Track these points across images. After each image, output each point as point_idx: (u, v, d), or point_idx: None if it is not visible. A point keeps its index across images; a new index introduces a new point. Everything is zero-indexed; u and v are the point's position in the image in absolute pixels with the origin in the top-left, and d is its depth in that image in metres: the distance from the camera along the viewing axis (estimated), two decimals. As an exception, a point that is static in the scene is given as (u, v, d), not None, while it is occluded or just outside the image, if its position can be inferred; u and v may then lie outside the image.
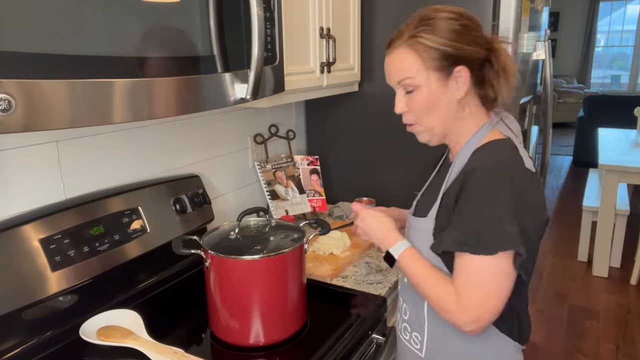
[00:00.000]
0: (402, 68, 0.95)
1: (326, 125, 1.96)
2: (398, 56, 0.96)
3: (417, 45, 0.93)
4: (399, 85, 0.97)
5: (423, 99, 0.95)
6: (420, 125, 0.99)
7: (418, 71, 0.94)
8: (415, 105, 0.96)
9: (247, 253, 1.03)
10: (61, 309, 1.09)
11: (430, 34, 0.93)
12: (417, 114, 0.97)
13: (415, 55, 0.94)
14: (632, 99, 5.77)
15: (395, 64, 0.96)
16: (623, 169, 3.11)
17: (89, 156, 1.20)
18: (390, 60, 0.98)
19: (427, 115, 0.97)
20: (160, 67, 0.83)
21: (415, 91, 0.95)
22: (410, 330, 1.07)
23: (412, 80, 0.94)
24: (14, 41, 0.62)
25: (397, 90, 0.98)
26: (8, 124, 0.63)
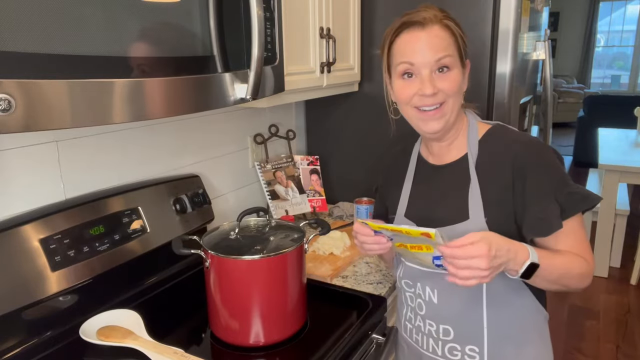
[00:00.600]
0: (443, 45, 0.93)
1: (326, 125, 1.96)
2: (438, 33, 0.93)
3: (450, 29, 0.95)
4: (436, 63, 0.93)
5: (457, 79, 0.95)
6: (447, 105, 0.96)
7: (453, 52, 0.94)
8: (448, 85, 0.94)
9: (247, 253, 1.02)
10: (61, 309, 1.09)
11: (453, 22, 0.96)
12: (450, 91, 0.95)
13: (451, 36, 0.95)
14: (632, 99, 5.77)
15: (435, 41, 0.93)
16: (623, 169, 3.11)
17: (89, 156, 1.20)
18: (428, 36, 0.93)
19: (453, 98, 0.96)
20: (160, 67, 0.83)
21: (451, 70, 0.94)
22: (461, 347, 1.01)
23: (451, 59, 0.94)
24: (14, 41, 0.62)
25: (423, 71, 0.94)
26: (8, 124, 0.63)
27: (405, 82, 0.97)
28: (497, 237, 0.84)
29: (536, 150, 0.95)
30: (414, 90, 0.95)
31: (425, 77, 0.94)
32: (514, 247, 0.85)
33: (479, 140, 1.01)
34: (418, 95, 0.95)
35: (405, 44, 0.95)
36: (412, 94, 0.96)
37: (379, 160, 1.27)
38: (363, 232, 0.97)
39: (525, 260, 0.85)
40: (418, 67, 0.94)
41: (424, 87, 0.93)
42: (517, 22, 1.53)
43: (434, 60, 0.93)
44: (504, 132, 1.01)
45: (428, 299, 1.03)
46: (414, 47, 0.94)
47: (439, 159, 1.07)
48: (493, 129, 1.03)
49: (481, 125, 1.04)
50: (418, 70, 0.94)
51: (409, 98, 0.97)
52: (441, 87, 0.94)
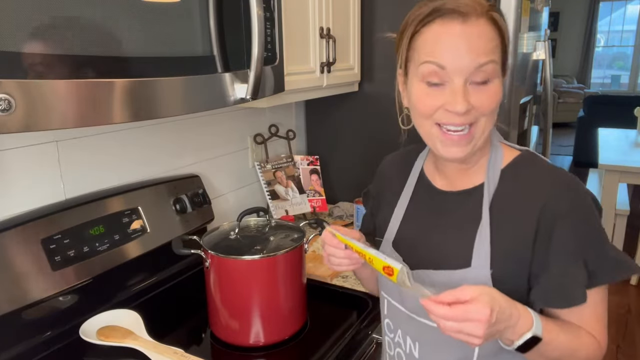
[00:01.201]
0: (489, 47, 0.71)
1: (326, 125, 1.96)
2: (483, 30, 0.70)
3: (498, 25, 0.72)
4: (476, 70, 0.70)
5: (498, 95, 0.73)
6: (478, 127, 0.74)
7: (499, 58, 0.73)
8: (487, 102, 0.72)
9: (247, 253, 1.02)
10: (61, 309, 1.09)
11: (501, 16, 0.74)
12: (487, 110, 0.73)
13: (498, 36, 0.72)
14: (632, 99, 5.77)
15: (479, 41, 0.70)
16: (623, 169, 3.10)
17: (89, 156, 1.20)
18: (470, 33, 0.70)
19: (488, 117, 0.74)
20: (160, 67, 0.83)
21: (492, 82, 0.72)
22: None
23: (495, 67, 0.72)
24: (14, 41, 0.62)
25: (456, 79, 0.70)
26: (8, 124, 0.63)
27: (428, 90, 0.73)
28: (499, 296, 0.67)
29: (574, 197, 0.74)
30: (439, 103, 0.72)
31: (458, 87, 0.70)
32: (517, 312, 0.68)
33: (502, 168, 0.80)
34: (444, 109, 0.72)
35: (435, 38, 0.71)
36: (435, 106, 0.73)
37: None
38: (331, 242, 0.81)
39: (526, 331, 0.68)
40: (450, 73, 0.70)
41: (455, 102, 0.71)
42: (517, 22, 1.53)
43: (473, 67, 0.70)
44: (535, 165, 0.80)
45: (408, 352, 0.86)
46: (449, 44, 0.70)
47: (447, 182, 0.86)
48: (521, 157, 0.81)
49: (506, 150, 0.83)
50: (449, 77, 0.71)
51: (430, 111, 0.74)
52: (477, 103, 0.71)
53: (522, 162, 0.81)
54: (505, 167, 0.80)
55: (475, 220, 0.79)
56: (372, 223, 1.01)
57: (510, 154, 0.82)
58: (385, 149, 1.83)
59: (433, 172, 0.89)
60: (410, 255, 0.85)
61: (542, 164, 0.80)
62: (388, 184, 0.97)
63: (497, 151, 0.82)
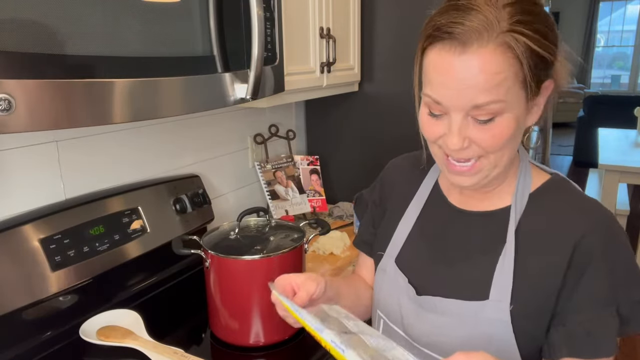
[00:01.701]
0: (492, 84, 0.60)
1: (326, 125, 1.96)
2: (487, 62, 0.59)
3: (519, 48, 0.59)
4: (473, 109, 0.62)
5: (505, 131, 0.63)
6: (487, 161, 0.67)
7: (510, 89, 0.61)
8: (488, 140, 0.64)
9: (247, 253, 1.02)
10: (61, 309, 1.09)
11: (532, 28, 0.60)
12: (490, 149, 0.65)
13: (512, 65, 0.60)
14: (632, 99, 5.77)
15: (479, 77, 0.59)
16: (623, 169, 3.10)
17: (89, 156, 1.20)
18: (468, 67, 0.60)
19: (501, 150, 0.66)
20: (160, 67, 0.83)
21: (499, 118, 0.63)
22: None
23: (501, 105, 0.61)
24: (14, 41, 0.62)
25: (453, 115, 0.64)
26: (8, 124, 0.63)
27: (430, 119, 0.68)
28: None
29: (611, 233, 0.67)
30: (440, 132, 0.67)
31: (454, 123, 0.64)
32: None
33: (531, 193, 0.73)
34: (444, 140, 0.67)
35: (432, 68, 0.64)
36: (438, 134, 0.68)
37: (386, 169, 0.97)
38: (280, 307, 0.72)
39: None
40: (446, 108, 0.64)
41: (449, 140, 0.65)
42: (517, 22, 1.52)
43: (471, 105, 0.62)
44: (568, 192, 0.72)
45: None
46: (443, 80, 0.62)
47: (465, 200, 0.77)
48: (552, 182, 0.74)
49: (535, 172, 0.75)
50: (447, 111, 0.65)
51: (434, 138, 0.69)
52: (478, 141, 0.64)
53: (554, 187, 0.73)
54: (535, 191, 0.72)
55: (496, 246, 0.70)
56: (372, 234, 0.91)
57: (539, 178, 0.74)
58: (385, 149, 1.83)
59: (449, 186, 0.80)
60: (416, 277, 0.77)
61: (575, 192, 0.73)
62: (394, 192, 0.88)
63: (527, 173, 0.74)
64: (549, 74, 0.66)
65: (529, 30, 0.60)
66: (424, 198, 0.82)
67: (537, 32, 0.61)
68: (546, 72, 0.65)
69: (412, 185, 0.85)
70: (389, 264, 0.82)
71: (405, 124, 1.04)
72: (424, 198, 0.82)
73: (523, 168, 0.74)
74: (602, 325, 0.65)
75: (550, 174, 0.76)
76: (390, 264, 0.81)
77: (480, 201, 0.76)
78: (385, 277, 0.82)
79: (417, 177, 0.85)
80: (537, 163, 0.78)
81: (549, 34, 0.63)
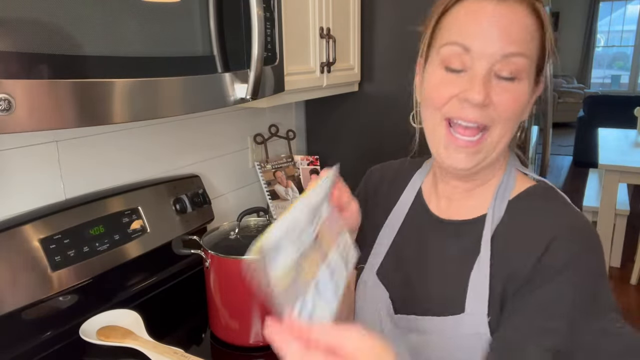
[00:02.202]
0: (523, 37, 0.61)
1: (326, 125, 1.96)
2: (521, 16, 0.61)
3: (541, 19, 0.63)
4: (503, 59, 0.61)
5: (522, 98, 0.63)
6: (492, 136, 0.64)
7: (532, 55, 0.63)
8: (508, 102, 0.62)
9: (247, 253, 1.02)
10: (61, 309, 1.09)
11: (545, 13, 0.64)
12: (506, 113, 0.63)
13: (537, 29, 0.63)
14: (632, 99, 5.77)
15: (514, 25, 0.60)
16: (623, 169, 3.10)
17: (89, 156, 1.20)
18: (505, 15, 0.60)
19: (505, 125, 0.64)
20: (160, 67, 0.83)
21: (519, 81, 0.62)
22: None
23: (526, 62, 0.62)
24: (14, 41, 0.62)
25: (479, 65, 0.61)
26: (8, 124, 0.63)
27: (446, 76, 0.64)
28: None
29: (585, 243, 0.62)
30: (455, 91, 0.63)
31: (479, 74, 0.61)
32: None
33: (510, 200, 0.69)
34: (458, 98, 0.63)
35: (464, 17, 0.63)
36: (450, 94, 0.64)
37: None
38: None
39: None
40: (474, 57, 0.62)
41: (472, 89, 0.61)
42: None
43: (500, 54, 0.60)
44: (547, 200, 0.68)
45: None
46: (478, 24, 0.61)
47: (445, 207, 0.75)
48: (535, 189, 0.70)
49: (520, 179, 0.72)
50: (472, 63, 0.62)
51: (444, 100, 0.65)
52: (497, 101, 0.62)
53: (535, 194, 0.69)
54: (514, 198, 0.69)
55: (471, 256, 0.67)
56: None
57: (523, 184, 0.71)
58: (385, 149, 1.83)
59: (430, 192, 0.78)
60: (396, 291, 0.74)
61: (558, 198, 0.68)
62: (375, 200, 0.85)
63: (509, 178, 0.71)
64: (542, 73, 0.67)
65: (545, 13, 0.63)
66: (406, 207, 0.79)
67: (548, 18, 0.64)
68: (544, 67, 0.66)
69: (392, 194, 0.82)
70: (370, 277, 0.78)
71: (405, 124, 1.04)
72: (406, 207, 0.79)
73: (508, 172, 0.72)
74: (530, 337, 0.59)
75: (538, 181, 0.72)
76: (372, 277, 0.78)
77: (460, 205, 0.73)
78: (367, 290, 0.78)
79: (398, 185, 0.82)
80: (526, 170, 0.74)
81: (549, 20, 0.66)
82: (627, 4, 8.34)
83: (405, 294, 0.73)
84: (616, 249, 3.46)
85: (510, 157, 0.74)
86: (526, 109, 0.66)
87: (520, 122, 0.68)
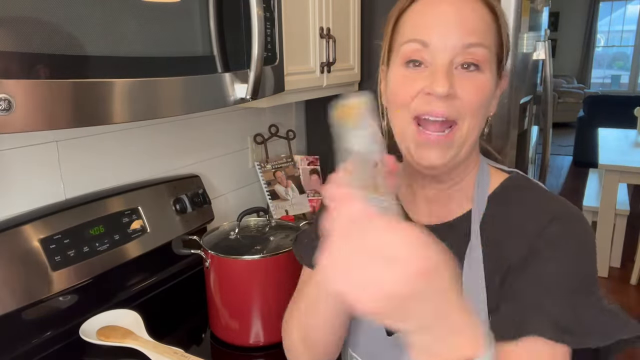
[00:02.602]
0: (480, 27, 0.62)
1: (326, 125, 1.95)
2: (475, 7, 0.62)
3: (495, 12, 0.64)
4: (463, 49, 0.61)
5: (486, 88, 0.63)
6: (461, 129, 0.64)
7: (491, 47, 0.63)
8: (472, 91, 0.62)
9: (247, 253, 1.03)
10: (61, 309, 1.09)
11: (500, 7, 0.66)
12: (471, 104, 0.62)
13: (493, 21, 0.64)
14: (632, 99, 5.77)
15: (469, 17, 0.62)
16: (623, 169, 3.10)
17: (89, 156, 1.20)
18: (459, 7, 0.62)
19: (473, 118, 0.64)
20: (160, 67, 0.83)
21: (482, 71, 0.63)
22: None
23: (486, 52, 0.62)
24: (14, 41, 0.62)
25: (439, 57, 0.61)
26: (8, 124, 0.63)
27: (408, 73, 0.64)
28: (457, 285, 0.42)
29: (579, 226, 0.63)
30: (418, 86, 0.63)
31: (441, 66, 0.61)
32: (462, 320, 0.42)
33: (489, 195, 0.70)
34: (423, 93, 0.62)
35: (420, 14, 0.64)
36: (415, 90, 0.63)
37: None
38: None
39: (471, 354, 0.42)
40: (434, 51, 0.62)
41: (436, 81, 0.61)
42: (517, 22, 1.52)
43: (460, 46, 0.61)
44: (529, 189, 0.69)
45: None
46: (435, 17, 0.62)
47: (429, 212, 0.73)
48: (511, 180, 0.71)
49: (494, 172, 0.73)
50: (432, 57, 0.62)
51: (409, 97, 0.64)
52: (461, 92, 0.62)
53: (513, 186, 0.70)
54: (493, 193, 0.69)
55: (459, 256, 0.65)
56: None
57: (497, 178, 0.71)
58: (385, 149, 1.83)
59: (408, 201, 0.75)
60: None
61: (538, 187, 0.70)
62: None
63: (484, 174, 0.71)
64: (503, 68, 0.68)
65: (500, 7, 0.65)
66: None
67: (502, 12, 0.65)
68: (507, 53, 0.67)
69: None
70: None
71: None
72: None
73: (481, 168, 0.72)
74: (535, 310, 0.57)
75: (509, 172, 0.72)
76: None
77: (440, 207, 0.71)
78: None
79: None
80: (495, 164, 0.75)
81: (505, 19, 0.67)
82: (627, 4, 8.34)
83: None
84: (616, 249, 3.46)
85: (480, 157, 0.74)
86: (492, 101, 0.67)
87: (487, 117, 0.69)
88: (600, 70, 8.85)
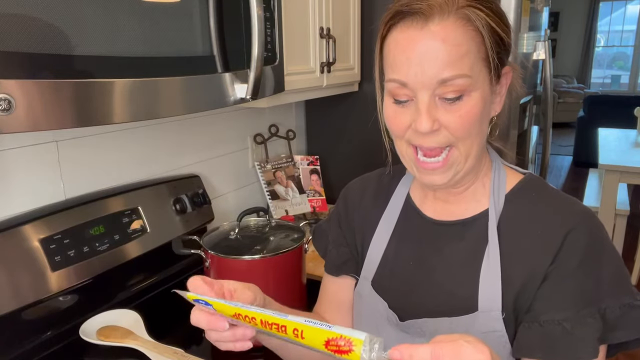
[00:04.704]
0: (456, 55, 0.59)
1: (326, 125, 1.96)
2: (449, 33, 0.59)
3: (478, 21, 0.60)
4: (440, 85, 0.60)
5: (474, 111, 0.62)
6: (456, 153, 0.64)
7: (474, 65, 0.61)
8: (458, 121, 0.62)
9: (247, 253, 1.03)
10: (61, 309, 1.09)
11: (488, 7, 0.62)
12: (459, 132, 0.63)
13: (473, 37, 0.60)
14: (632, 99, 5.77)
15: (442, 48, 0.59)
16: (623, 169, 3.10)
17: (89, 156, 1.20)
18: (432, 39, 0.59)
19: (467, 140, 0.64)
20: (160, 67, 0.83)
21: (466, 97, 0.61)
22: None
23: (467, 81, 0.60)
24: (14, 41, 0.62)
25: (420, 94, 0.61)
26: (8, 124, 0.63)
27: (397, 108, 0.65)
28: None
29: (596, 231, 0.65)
30: (407, 122, 0.64)
31: (422, 104, 0.61)
32: None
33: (506, 194, 0.70)
34: (412, 129, 0.64)
35: (394, 51, 0.63)
36: (405, 125, 0.65)
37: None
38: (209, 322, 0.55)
39: None
40: (413, 89, 0.62)
41: (418, 121, 0.62)
42: (517, 22, 1.52)
43: (436, 81, 0.60)
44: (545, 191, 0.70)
45: None
46: (406, 56, 0.61)
47: (440, 210, 0.74)
48: (527, 181, 0.71)
49: (509, 172, 0.73)
50: (413, 94, 0.62)
51: (401, 131, 0.66)
52: (446, 123, 0.62)
53: (529, 187, 0.70)
54: (510, 192, 0.70)
55: (478, 254, 0.67)
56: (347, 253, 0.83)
57: (513, 178, 0.72)
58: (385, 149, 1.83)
59: (421, 198, 0.77)
60: (396, 300, 0.72)
61: (553, 190, 0.70)
62: (359, 212, 0.83)
63: (500, 174, 0.71)
64: (506, 61, 0.66)
65: (486, 8, 0.61)
66: (395, 214, 0.78)
67: (494, 12, 0.62)
68: (505, 55, 0.65)
69: (378, 203, 0.81)
70: (365, 288, 0.76)
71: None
72: (395, 214, 0.78)
73: (496, 168, 0.72)
74: (582, 325, 0.60)
75: (524, 173, 0.73)
76: (367, 288, 0.76)
77: (456, 206, 0.73)
78: (363, 303, 0.77)
79: (382, 196, 0.81)
80: (509, 164, 0.76)
81: (503, 17, 0.64)
82: (627, 4, 8.34)
83: (408, 301, 0.72)
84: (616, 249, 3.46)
85: (490, 154, 0.74)
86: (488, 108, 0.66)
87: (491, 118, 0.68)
88: (600, 70, 8.85)
